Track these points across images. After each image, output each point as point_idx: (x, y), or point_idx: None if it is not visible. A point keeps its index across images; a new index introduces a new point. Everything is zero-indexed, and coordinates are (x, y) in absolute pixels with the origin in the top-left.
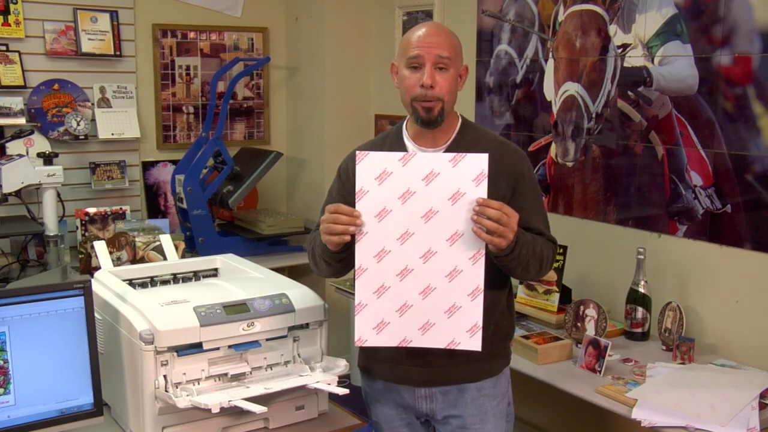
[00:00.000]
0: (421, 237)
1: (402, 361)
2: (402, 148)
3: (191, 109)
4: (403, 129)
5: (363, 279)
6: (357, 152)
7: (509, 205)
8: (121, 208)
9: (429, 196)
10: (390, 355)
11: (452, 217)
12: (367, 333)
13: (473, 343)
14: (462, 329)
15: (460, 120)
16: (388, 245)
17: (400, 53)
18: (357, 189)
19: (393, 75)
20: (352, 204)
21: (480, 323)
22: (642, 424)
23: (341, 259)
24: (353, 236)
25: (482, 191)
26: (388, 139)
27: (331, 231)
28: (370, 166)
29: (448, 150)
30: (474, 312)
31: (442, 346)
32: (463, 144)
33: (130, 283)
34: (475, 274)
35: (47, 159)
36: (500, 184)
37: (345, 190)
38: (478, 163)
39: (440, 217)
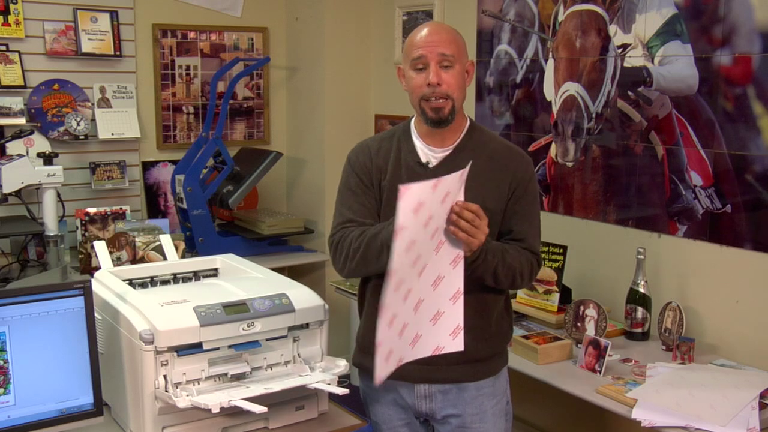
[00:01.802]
0: (424, 256)
1: None
2: (411, 146)
3: (191, 109)
4: (412, 128)
5: (386, 316)
6: (400, 187)
7: (505, 207)
8: (121, 208)
9: (441, 215)
10: None
11: (442, 227)
12: (383, 369)
13: (456, 344)
14: (445, 333)
15: (468, 121)
16: (407, 275)
17: (405, 56)
18: (397, 226)
19: (401, 78)
20: (377, 194)
21: (461, 324)
22: (642, 424)
23: None
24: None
25: (460, 195)
26: (395, 136)
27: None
28: (410, 199)
29: (456, 150)
30: (456, 314)
31: (428, 354)
32: (471, 144)
33: (130, 283)
34: (456, 278)
35: (47, 159)
36: (502, 183)
37: (364, 183)
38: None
39: (439, 231)
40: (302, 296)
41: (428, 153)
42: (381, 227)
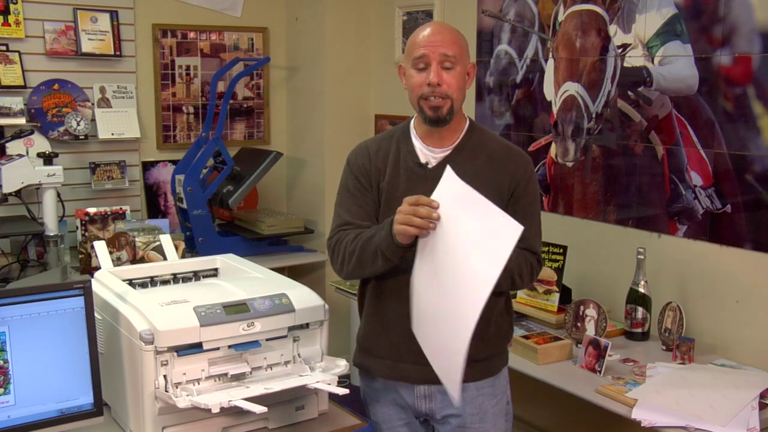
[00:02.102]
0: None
1: (402, 359)
2: (410, 147)
3: (191, 109)
4: (411, 128)
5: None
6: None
7: (505, 207)
8: (121, 208)
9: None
10: (390, 353)
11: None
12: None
13: None
14: None
15: (467, 121)
16: None
17: (407, 54)
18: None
19: (401, 77)
20: (376, 195)
21: None
22: (642, 424)
23: (401, 256)
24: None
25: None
26: (394, 137)
27: (410, 222)
28: None
29: (455, 150)
30: None
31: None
32: (470, 144)
33: (130, 283)
34: None
35: (47, 159)
36: (502, 183)
37: (362, 185)
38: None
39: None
40: (302, 296)
41: (427, 153)
42: (374, 231)
